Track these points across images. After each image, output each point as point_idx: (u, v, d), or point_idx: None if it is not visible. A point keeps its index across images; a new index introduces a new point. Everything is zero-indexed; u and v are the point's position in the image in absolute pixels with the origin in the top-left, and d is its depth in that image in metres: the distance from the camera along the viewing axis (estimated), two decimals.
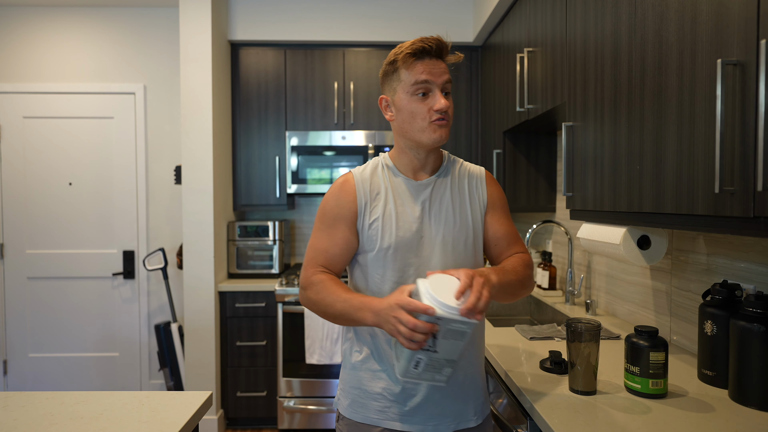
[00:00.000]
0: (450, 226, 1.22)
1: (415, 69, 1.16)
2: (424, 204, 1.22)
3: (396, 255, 1.19)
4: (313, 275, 1.21)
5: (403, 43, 1.20)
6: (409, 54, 1.15)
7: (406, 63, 1.17)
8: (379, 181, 1.24)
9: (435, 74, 1.16)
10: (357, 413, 1.23)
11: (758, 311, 1.14)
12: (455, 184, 1.26)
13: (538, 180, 2.70)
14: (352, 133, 3.21)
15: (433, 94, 1.17)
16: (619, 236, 1.61)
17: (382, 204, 1.21)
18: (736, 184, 0.93)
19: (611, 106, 1.44)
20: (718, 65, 0.93)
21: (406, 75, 1.17)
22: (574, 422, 1.08)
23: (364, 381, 1.22)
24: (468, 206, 1.25)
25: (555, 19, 1.92)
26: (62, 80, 3.41)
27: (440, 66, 1.17)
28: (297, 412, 2.97)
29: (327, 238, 1.23)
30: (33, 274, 3.43)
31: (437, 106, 1.15)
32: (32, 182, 3.41)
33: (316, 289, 1.18)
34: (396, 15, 3.23)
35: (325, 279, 1.19)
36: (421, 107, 1.17)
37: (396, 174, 1.25)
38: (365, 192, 1.22)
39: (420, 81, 1.15)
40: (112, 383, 3.46)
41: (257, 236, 3.23)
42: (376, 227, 1.20)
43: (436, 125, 1.17)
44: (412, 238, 1.19)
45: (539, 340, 1.73)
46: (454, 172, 1.28)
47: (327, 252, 1.22)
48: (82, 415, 1.13)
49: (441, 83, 1.17)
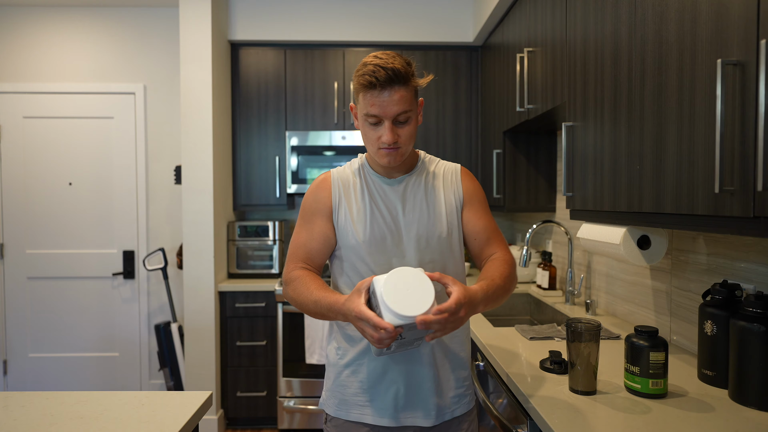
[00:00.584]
0: (424, 222, 1.23)
1: (366, 100, 1.14)
2: (398, 201, 1.25)
3: (370, 250, 1.21)
4: (292, 271, 1.24)
5: (369, 57, 1.16)
6: (361, 85, 1.13)
7: (360, 91, 1.15)
8: (356, 179, 1.28)
9: (384, 107, 1.13)
10: (344, 412, 1.25)
11: (758, 311, 1.14)
12: (429, 181, 1.28)
13: (538, 180, 2.70)
14: (352, 133, 3.21)
15: (383, 125, 1.15)
16: (619, 236, 1.61)
17: (356, 200, 1.25)
18: (736, 184, 0.93)
19: (611, 106, 1.44)
20: (718, 65, 0.93)
21: (361, 101, 1.16)
22: (574, 422, 1.08)
23: (348, 380, 1.25)
24: (442, 201, 1.26)
25: (555, 19, 1.92)
26: (62, 80, 3.41)
27: (392, 98, 1.12)
28: (297, 412, 2.97)
29: (306, 233, 1.27)
30: (33, 273, 3.43)
31: (383, 139, 1.15)
32: (32, 182, 3.41)
33: (294, 286, 1.21)
34: (396, 15, 3.23)
35: (302, 275, 1.21)
36: (372, 134, 1.18)
37: (371, 172, 1.29)
38: (339, 188, 1.26)
39: (370, 114, 1.14)
40: (112, 383, 3.46)
41: (257, 236, 3.23)
42: (348, 223, 1.23)
43: (384, 152, 1.18)
44: (385, 234, 1.22)
45: (539, 340, 1.73)
46: (429, 170, 1.30)
47: (306, 246, 1.26)
48: (82, 415, 1.13)
49: (391, 116, 1.13)
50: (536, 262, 2.84)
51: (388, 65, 1.11)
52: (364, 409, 1.22)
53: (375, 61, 1.13)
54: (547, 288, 2.58)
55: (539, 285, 2.65)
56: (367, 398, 1.23)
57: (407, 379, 1.21)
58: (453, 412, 1.26)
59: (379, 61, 1.13)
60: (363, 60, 1.17)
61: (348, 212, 1.24)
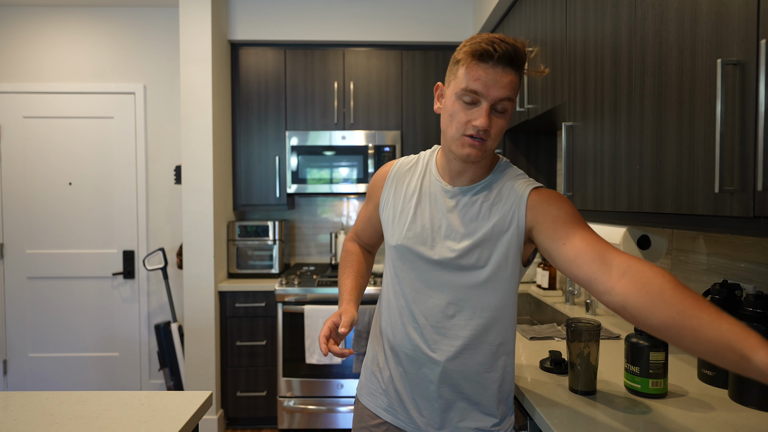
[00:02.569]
0: (457, 243, 1.09)
1: (471, 73, 0.99)
2: (446, 213, 1.11)
3: (403, 255, 1.14)
4: (347, 240, 1.40)
5: (478, 35, 1.03)
6: (470, 53, 0.99)
7: (465, 61, 1.01)
8: (413, 176, 1.20)
9: (490, 86, 0.99)
10: (365, 399, 1.28)
11: (758, 311, 1.14)
12: (490, 201, 1.09)
13: (538, 180, 2.70)
14: (352, 133, 3.21)
15: (479, 107, 1.01)
16: (619, 236, 1.61)
17: (405, 199, 1.18)
18: (736, 183, 0.93)
19: (611, 105, 1.44)
20: (718, 65, 0.93)
21: (462, 74, 1.01)
22: (574, 422, 1.08)
23: (372, 373, 1.27)
24: (490, 227, 1.07)
25: (555, 19, 1.92)
26: (62, 80, 3.41)
27: (504, 78, 0.99)
28: (297, 412, 2.97)
29: (363, 212, 1.35)
30: (33, 273, 3.43)
31: (476, 122, 1.00)
32: (32, 182, 3.41)
33: (343, 257, 1.37)
34: (396, 15, 3.23)
35: (349, 250, 1.37)
36: (462, 115, 1.02)
37: (432, 173, 1.16)
38: (393, 182, 1.22)
39: (469, 89, 1.00)
40: (112, 383, 3.46)
41: (257, 236, 3.23)
42: (388, 221, 1.20)
43: (467, 141, 1.03)
44: (420, 244, 1.12)
45: (539, 340, 1.73)
46: (496, 186, 1.10)
47: (360, 223, 1.36)
48: (82, 415, 1.13)
49: (494, 98, 0.99)
50: (536, 261, 2.84)
51: (509, 41, 0.99)
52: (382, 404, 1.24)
53: (491, 35, 1.00)
54: (547, 288, 2.58)
55: (539, 285, 2.65)
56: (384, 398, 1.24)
57: None
58: None
59: (497, 35, 1.00)
60: (475, 37, 1.02)
61: (390, 210, 1.20)
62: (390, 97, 3.29)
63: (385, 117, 3.29)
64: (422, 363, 1.14)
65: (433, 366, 1.13)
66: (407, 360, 1.16)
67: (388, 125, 3.28)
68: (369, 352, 1.31)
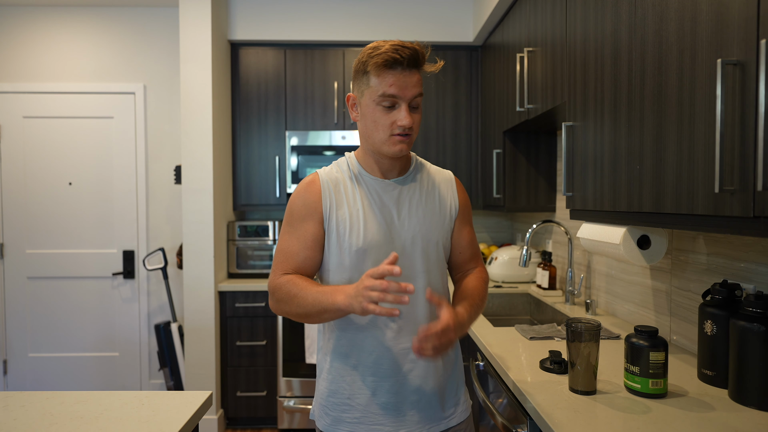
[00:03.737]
0: (421, 228, 1.19)
1: (384, 80, 1.09)
2: (394, 205, 1.19)
3: (366, 257, 1.15)
4: (279, 277, 1.15)
5: (379, 42, 1.12)
6: (380, 64, 1.08)
7: (376, 70, 1.10)
8: (346, 181, 1.20)
9: (404, 88, 1.09)
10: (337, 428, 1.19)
11: (758, 311, 1.14)
12: (424, 186, 1.24)
13: (538, 180, 2.70)
14: (352, 133, 3.21)
15: (398, 108, 1.11)
16: (619, 236, 1.61)
17: (349, 204, 1.18)
18: (736, 183, 0.93)
19: (611, 105, 1.44)
20: (718, 65, 0.93)
21: (375, 83, 1.10)
22: (574, 422, 1.08)
23: (342, 391, 1.20)
24: (438, 209, 1.23)
25: (555, 19, 1.92)
26: (62, 80, 3.41)
27: (412, 78, 1.10)
28: (297, 412, 2.97)
29: (296, 240, 1.17)
30: (33, 273, 3.43)
31: (401, 122, 1.10)
32: (32, 182, 3.41)
33: (286, 288, 1.12)
34: (396, 14, 3.23)
35: (293, 277, 1.14)
36: (385, 119, 1.12)
37: (363, 174, 1.21)
38: (330, 192, 1.18)
39: (387, 94, 1.09)
40: (112, 383, 3.46)
41: (257, 236, 3.23)
42: (343, 229, 1.16)
43: (397, 139, 1.13)
44: (383, 240, 1.16)
45: (539, 340, 1.73)
46: (423, 174, 1.26)
47: (298, 255, 1.16)
48: (82, 415, 1.13)
49: (409, 98, 1.11)
50: (536, 262, 2.84)
51: (408, 46, 1.09)
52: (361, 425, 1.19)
53: (390, 42, 1.10)
54: (547, 288, 2.58)
55: (539, 285, 2.65)
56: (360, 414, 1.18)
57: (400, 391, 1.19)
58: (448, 423, 1.24)
59: (396, 42, 1.10)
60: (369, 46, 1.12)
61: (340, 219, 1.16)
62: None
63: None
64: (405, 359, 1.17)
65: (413, 357, 1.17)
66: (391, 366, 1.16)
67: None
68: (321, 401, 1.23)
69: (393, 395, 1.17)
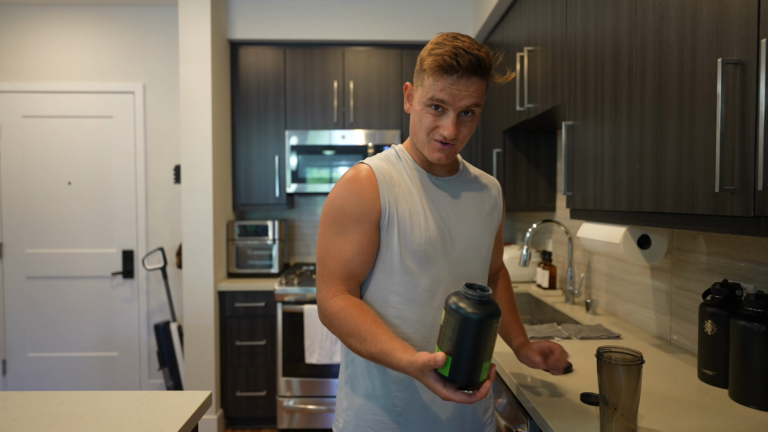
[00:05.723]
0: (475, 229, 1.14)
1: (437, 84, 1.00)
2: (449, 204, 1.12)
3: (427, 257, 1.06)
4: (331, 299, 1.03)
5: (445, 36, 1.03)
6: (436, 66, 1.00)
7: (431, 70, 1.01)
8: (400, 174, 1.11)
9: (456, 96, 1.00)
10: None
11: (759, 311, 1.14)
12: (474, 188, 1.18)
13: (538, 179, 2.70)
14: (351, 132, 3.21)
15: (446, 116, 1.03)
16: (619, 236, 1.61)
17: (407, 199, 1.08)
18: (737, 183, 0.93)
19: (611, 105, 1.44)
20: (719, 64, 0.93)
21: (428, 83, 1.02)
22: (574, 422, 1.08)
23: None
24: (488, 213, 1.18)
25: (555, 18, 1.92)
26: (61, 79, 3.41)
27: (468, 87, 1.00)
28: (296, 412, 2.97)
29: (350, 244, 1.04)
30: (32, 273, 3.42)
31: (443, 131, 1.03)
32: (31, 181, 3.41)
33: (346, 324, 0.99)
34: (396, 14, 3.23)
35: (345, 307, 1.01)
36: (430, 122, 1.04)
37: (415, 167, 1.13)
38: (388, 185, 1.07)
39: (437, 99, 1.01)
40: (112, 383, 3.46)
41: (257, 236, 3.23)
42: (404, 226, 1.05)
43: (437, 146, 1.05)
44: (443, 237, 1.08)
45: (539, 340, 1.72)
46: (472, 176, 1.21)
47: (352, 262, 1.05)
48: (81, 415, 1.13)
49: (460, 107, 1.01)
50: (536, 261, 2.84)
51: (473, 51, 0.99)
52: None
53: (455, 42, 1.00)
54: (547, 287, 2.58)
55: (539, 284, 2.65)
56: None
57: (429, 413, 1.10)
58: None
59: (461, 43, 1.00)
60: (435, 39, 1.03)
61: (401, 215, 1.06)
62: (390, 96, 3.28)
63: (384, 116, 3.29)
64: None
65: None
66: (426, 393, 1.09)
67: (388, 124, 3.28)
68: (360, 414, 1.10)
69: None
